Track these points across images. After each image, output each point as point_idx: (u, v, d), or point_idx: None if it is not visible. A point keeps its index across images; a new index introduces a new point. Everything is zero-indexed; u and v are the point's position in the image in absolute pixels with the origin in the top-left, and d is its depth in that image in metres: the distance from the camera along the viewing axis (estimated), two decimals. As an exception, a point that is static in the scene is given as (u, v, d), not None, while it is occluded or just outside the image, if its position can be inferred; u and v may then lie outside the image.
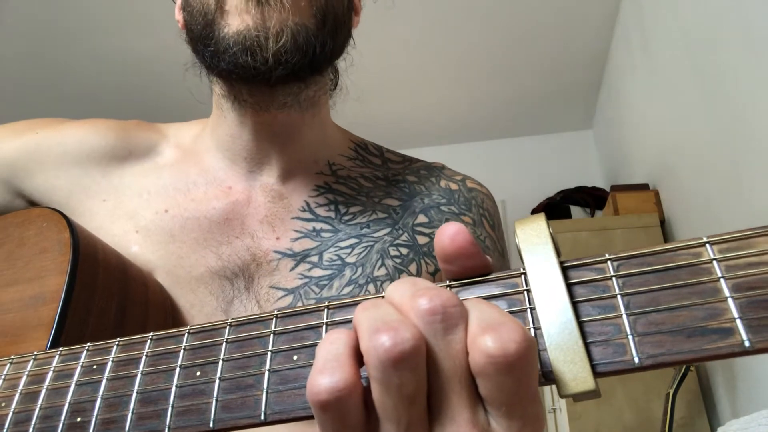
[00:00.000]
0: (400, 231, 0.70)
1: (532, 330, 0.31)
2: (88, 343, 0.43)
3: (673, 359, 0.27)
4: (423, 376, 0.29)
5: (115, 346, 0.42)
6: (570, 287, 0.31)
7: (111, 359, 0.41)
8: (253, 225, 0.69)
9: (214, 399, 0.35)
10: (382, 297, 0.34)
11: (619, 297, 0.30)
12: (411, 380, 0.28)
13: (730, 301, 0.28)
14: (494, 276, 0.33)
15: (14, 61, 3.06)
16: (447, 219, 0.72)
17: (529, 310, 0.32)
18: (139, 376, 0.39)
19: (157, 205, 0.70)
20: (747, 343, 0.26)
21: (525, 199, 3.50)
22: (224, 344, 0.38)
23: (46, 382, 0.42)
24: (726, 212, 1.91)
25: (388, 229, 0.70)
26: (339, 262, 0.67)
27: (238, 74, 0.62)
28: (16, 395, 0.43)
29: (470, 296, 0.33)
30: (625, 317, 0.29)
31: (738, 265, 0.28)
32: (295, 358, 0.35)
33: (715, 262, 0.29)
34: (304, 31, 0.61)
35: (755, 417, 1.45)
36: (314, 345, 0.35)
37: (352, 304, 0.36)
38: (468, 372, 0.29)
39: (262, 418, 0.34)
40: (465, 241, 0.33)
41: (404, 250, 0.69)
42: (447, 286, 0.34)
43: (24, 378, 0.44)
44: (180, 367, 0.38)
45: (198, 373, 0.37)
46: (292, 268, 0.66)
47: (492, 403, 0.29)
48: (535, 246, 0.32)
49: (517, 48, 3.11)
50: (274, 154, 0.71)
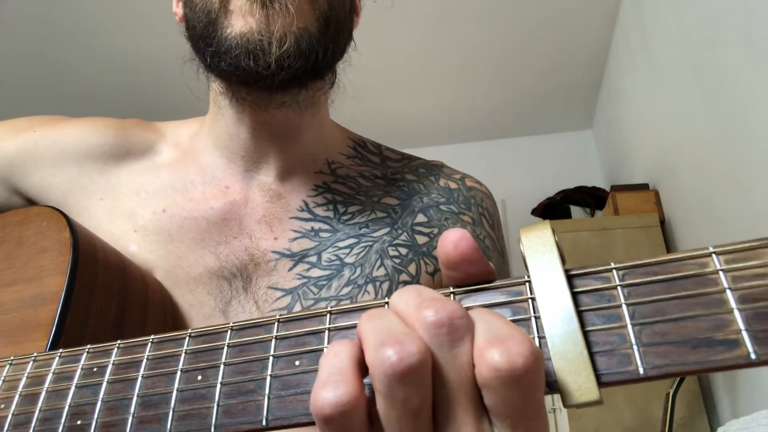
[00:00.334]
0: (399, 230, 0.70)
1: (537, 339, 0.31)
2: (88, 345, 0.43)
3: (678, 370, 0.27)
4: (428, 389, 0.29)
5: (115, 349, 0.41)
6: (575, 296, 0.31)
7: (111, 362, 0.41)
8: (251, 225, 0.68)
9: (216, 404, 0.35)
10: (386, 303, 0.34)
11: (624, 306, 0.30)
12: (416, 394, 0.28)
13: (736, 312, 0.27)
14: (498, 283, 0.33)
15: (14, 61, 3.05)
16: (446, 218, 0.71)
17: (533, 319, 0.31)
18: (139, 379, 0.39)
19: (156, 204, 0.70)
20: (753, 356, 0.26)
21: (525, 199, 3.50)
22: (225, 348, 0.37)
23: (46, 384, 0.42)
24: (726, 212, 1.91)
25: (387, 229, 0.69)
26: (338, 262, 0.66)
27: (239, 77, 0.61)
28: (16, 397, 0.43)
29: (474, 303, 0.33)
30: (630, 327, 0.29)
31: (744, 276, 0.28)
32: (297, 363, 0.35)
33: (721, 273, 0.29)
34: (307, 36, 0.60)
35: (755, 417, 1.45)
36: (316, 350, 0.35)
37: (355, 310, 0.36)
38: (474, 384, 0.29)
39: (264, 423, 0.33)
40: (468, 248, 0.33)
41: (403, 250, 0.68)
42: (450, 293, 0.34)
43: (23, 380, 0.44)
44: (181, 371, 0.38)
45: (199, 377, 0.37)
46: (291, 269, 0.66)
47: (497, 415, 0.28)
48: (540, 254, 0.32)
49: (517, 48, 3.11)
50: (272, 153, 0.70)
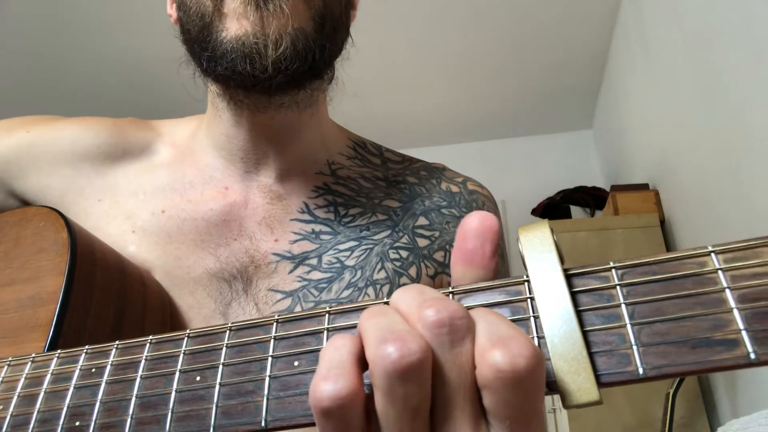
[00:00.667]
0: (401, 233, 0.69)
1: (536, 339, 0.31)
2: (86, 346, 0.43)
3: (677, 370, 0.27)
4: (428, 388, 0.29)
5: (114, 349, 0.41)
6: (574, 296, 0.30)
7: (110, 362, 0.41)
8: (251, 227, 0.68)
9: (214, 405, 0.35)
10: (386, 303, 0.34)
11: (623, 306, 0.29)
12: (416, 392, 0.28)
13: (736, 312, 0.27)
14: (498, 283, 0.33)
15: (14, 60, 3.05)
16: (448, 222, 0.71)
17: (532, 319, 0.31)
18: (138, 380, 0.39)
19: (154, 205, 0.69)
20: (752, 355, 0.26)
21: (525, 199, 3.49)
22: (224, 349, 0.37)
23: (45, 385, 0.42)
24: (726, 212, 1.91)
25: (388, 232, 0.69)
26: (338, 264, 0.66)
27: (236, 81, 0.61)
28: (14, 398, 0.43)
29: (473, 303, 0.33)
30: (629, 327, 0.29)
31: (744, 275, 0.28)
32: (296, 364, 0.35)
33: (720, 272, 0.28)
34: (303, 37, 0.59)
35: (755, 417, 1.45)
36: (315, 351, 0.35)
37: (354, 310, 0.36)
38: (473, 385, 0.29)
39: (263, 424, 0.33)
40: (494, 225, 0.33)
41: (404, 253, 0.68)
42: (450, 292, 0.34)
43: (22, 380, 0.43)
44: (180, 372, 0.38)
45: (198, 378, 0.37)
46: (291, 271, 0.66)
47: (496, 416, 0.28)
48: (539, 253, 0.32)
49: (517, 48, 3.11)
50: (271, 155, 0.70)
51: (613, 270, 0.31)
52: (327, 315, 0.36)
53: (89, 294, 0.56)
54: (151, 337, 0.41)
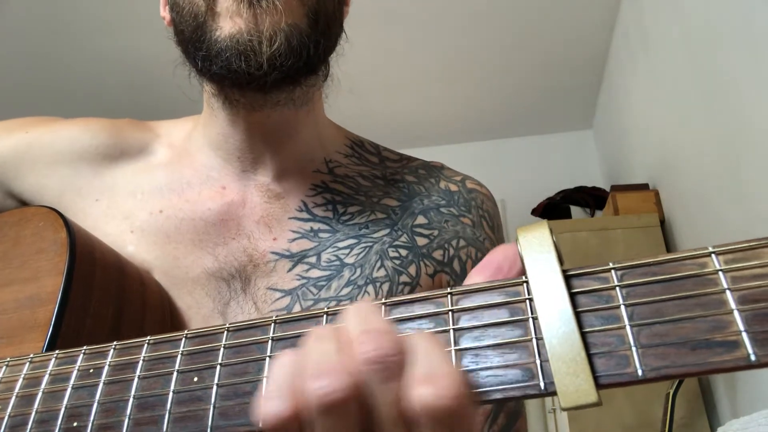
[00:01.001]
0: (400, 232, 0.69)
1: (534, 340, 0.30)
2: (84, 347, 0.43)
3: (677, 372, 0.27)
4: (355, 421, 0.29)
5: (111, 350, 0.41)
6: (573, 297, 0.30)
7: (108, 363, 0.40)
8: (249, 226, 0.68)
9: (212, 405, 0.35)
10: (327, 312, 0.35)
11: (622, 307, 0.29)
12: (341, 426, 0.29)
13: (736, 313, 0.27)
14: (496, 284, 0.33)
15: (14, 60, 3.05)
16: (446, 220, 0.71)
17: (531, 320, 0.31)
18: (136, 380, 0.39)
19: (152, 205, 0.69)
20: (753, 357, 0.26)
21: (525, 199, 3.49)
22: (222, 350, 0.37)
23: (43, 386, 0.42)
24: (726, 212, 1.91)
25: (387, 230, 0.69)
26: (337, 262, 0.66)
27: (232, 79, 0.61)
28: (12, 398, 0.43)
29: (473, 304, 0.33)
30: (628, 328, 0.29)
31: (744, 276, 0.28)
32: (294, 365, 0.35)
33: (720, 273, 0.28)
34: (298, 33, 0.59)
35: (755, 417, 1.45)
36: None
37: None
38: (407, 417, 0.29)
39: (260, 425, 0.33)
40: (517, 268, 0.34)
41: (403, 252, 0.68)
42: (448, 293, 0.34)
43: (20, 381, 0.43)
44: (177, 372, 0.38)
45: (195, 379, 0.37)
46: (290, 269, 0.66)
47: None
48: (537, 254, 0.32)
49: (517, 48, 3.10)
50: (268, 153, 0.70)
51: (612, 271, 0.31)
52: (325, 316, 0.36)
53: (88, 294, 0.56)
54: (149, 337, 0.40)
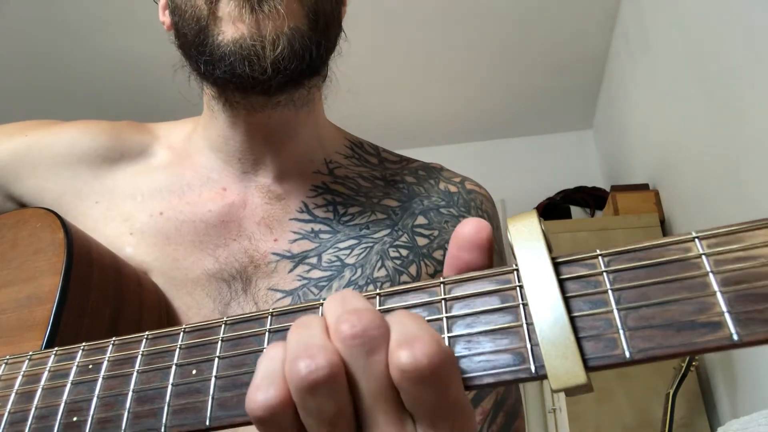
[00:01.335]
0: (400, 232, 0.69)
1: (525, 326, 0.31)
2: (83, 343, 0.43)
3: (663, 353, 0.28)
4: (343, 399, 0.30)
5: (110, 346, 0.42)
6: (562, 283, 0.31)
7: (107, 358, 0.41)
8: (250, 227, 0.68)
9: (210, 397, 0.35)
10: (322, 303, 0.36)
11: (610, 292, 0.30)
12: (329, 404, 0.29)
13: (719, 295, 0.28)
14: (487, 272, 0.33)
15: (14, 60, 3.06)
16: (446, 221, 0.71)
17: (521, 306, 0.32)
18: (134, 374, 0.39)
19: (152, 207, 0.69)
20: (735, 337, 0.27)
21: (525, 199, 3.50)
22: (220, 342, 0.38)
23: (42, 382, 0.42)
24: (726, 212, 1.91)
25: (388, 231, 0.69)
26: (338, 263, 0.66)
27: (236, 84, 0.61)
28: (12, 395, 0.43)
29: (464, 292, 0.33)
30: (616, 312, 0.29)
31: (726, 259, 0.28)
32: (290, 356, 0.35)
33: (704, 257, 0.29)
34: (300, 36, 0.60)
35: (755, 417, 1.45)
36: None
37: None
38: (393, 389, 0.30)
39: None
40: (488, 235, 0.34)
41: (404, 252, 0.68)
42: (441, 283, 0.34)
43: (19, 378, 0.44)
44: (176, 366, 0.38)
45: (194, 372, 0.37)
46: (291, 270, 0.66)
47: (415, 414, 0.30)
48: (527, 242, 0.32)
49: (517, 48, 3.11)
50: (268, 155, 0.70)
51: (599, 257, 0.31)
52: (320, 307, 0.36)
53: (86, 294, 0.56)
54: (147, 332, 0.41)
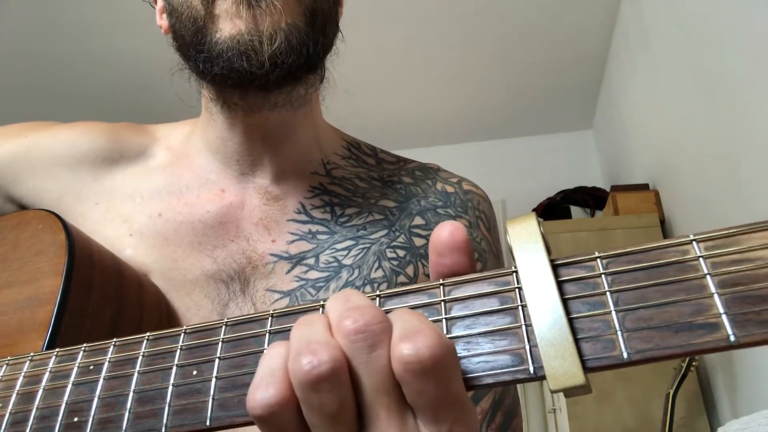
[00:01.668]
0: (397, 233, 0.70)
1: (524, 327, 0.31)
2: (84, 344, 0.43)
3: (661, 354, 0.28)
4: (346, 395, 0.30)
5: (111, 347, 0.42)
6: (560, 285, 0.31)
7: (108, 359, 0.41)
8: (248, 228, 0.68)
9: (211, 397, 0.36)
10: (323, 304, 0.36)
11: (608, 294, 0.30)
12: (332, 400, 0.30)
13: (716, 297, 0.28)
14: (487, 274, 0.34)
15: (14, 61, 3.06)
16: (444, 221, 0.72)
17: (520, 308, 0.32)
18: (135, 375, 0.39)
19: (151, 208, 0.69)
20: (732, 338, 0.27)
21: (525, 199, 3.50)
22: (220, 343, 0.38)
23: (43, 383, 0.42)
24: (726, 212, 1.91)
25: (385, 231, 0.69)
26: (335, 264, 0.66)
27: (234, 79, 0.61)
28: (13, 396, 0.43)
29: (463, 294, 0.34)
30: (614, 314, 0.30)
31: (723, 262, 0.29)
32: (290, 357, 0.35)
33: (701, 260, 0.29)
34: (297, 31, 0.60)
35: (755, 417, 1.45)
36: None
37: None
38: (395, 383, 0.30)
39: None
40: (462, 237, 0.35)
41: (401, 252, 0.68)
42: (440, 284, 0.35)
43: (20, 379, 0.44)
44: (176, 367, 0.38)
45: (194, 372, 0.37)
46: (288, 271, 0.66)
47: (418, 408, 0.30)
48: (526, 244, 0.33)
49: (517, 47, 3.11)
50: (266, 156, 0.70)
51: (598, 260, 0.31)
52: (321, 309, 0.36)
53: (87, 295, 0.57)
54: (148, 333, 0.41)
